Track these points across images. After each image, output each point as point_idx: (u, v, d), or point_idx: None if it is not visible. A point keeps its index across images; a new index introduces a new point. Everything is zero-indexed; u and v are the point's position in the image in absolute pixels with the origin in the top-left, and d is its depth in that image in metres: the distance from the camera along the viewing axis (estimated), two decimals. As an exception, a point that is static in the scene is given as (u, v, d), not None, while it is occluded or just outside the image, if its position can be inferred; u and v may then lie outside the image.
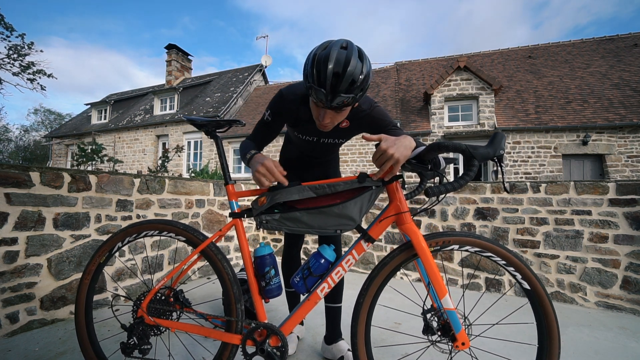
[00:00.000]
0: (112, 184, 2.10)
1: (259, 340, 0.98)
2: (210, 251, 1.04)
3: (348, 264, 0.98)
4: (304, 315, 1.00)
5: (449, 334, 0.92)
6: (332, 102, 0.86)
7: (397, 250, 0.97)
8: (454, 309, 0.89)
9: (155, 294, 1.07)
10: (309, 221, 0.96)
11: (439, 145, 0.83)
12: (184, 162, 12.55)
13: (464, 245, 0.92)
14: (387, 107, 10.17)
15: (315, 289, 0.98)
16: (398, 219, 0.95)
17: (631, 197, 2.19)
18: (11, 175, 1.62)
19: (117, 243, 1.11)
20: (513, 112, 9.12)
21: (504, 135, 0.82)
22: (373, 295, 0.98)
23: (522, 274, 0.89)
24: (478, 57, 12.39)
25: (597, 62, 10.23)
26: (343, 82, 0.82)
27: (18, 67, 10.37)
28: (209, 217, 2.92)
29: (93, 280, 1.12)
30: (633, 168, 7.77)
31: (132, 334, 1.03)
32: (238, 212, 1.07)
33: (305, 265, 1.02)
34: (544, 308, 0.87)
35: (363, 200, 0.95)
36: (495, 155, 0.80)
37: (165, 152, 5.38)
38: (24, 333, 1.62)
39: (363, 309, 0.97)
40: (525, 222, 2.51)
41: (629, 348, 1.62)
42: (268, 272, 1.01)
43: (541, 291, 0.87)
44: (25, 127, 26.66)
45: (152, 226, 1.09)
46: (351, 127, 1.15)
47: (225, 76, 15.41)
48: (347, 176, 1.00)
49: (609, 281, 2.23)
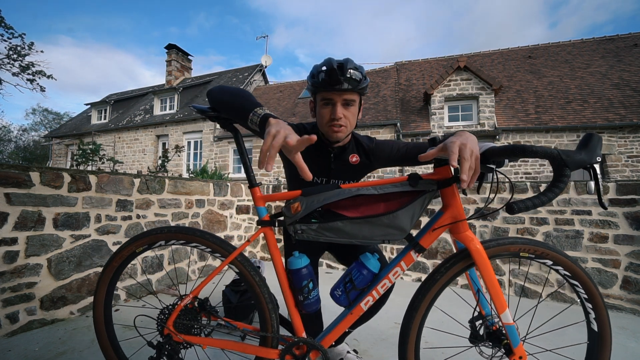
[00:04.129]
0: (112, 184, 2.10)
1: (298, 355, 0.92)
2: (238, 262, 0.96)
3: (395, 275, 0.88)
4: (345, 329, 0.93)
5: (501, 343, 0.87)
6: (345, 74, 0.92)
7: (452, 261, 0.87)
8: (513, 323, 0.84)
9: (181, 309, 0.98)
10: (352, 231, 0.84)
11: (524, 148, 0.68)
12: (184, 162, 12.55)
13: (557, 264, 0.85)
14: (387, 107, 10.17)
15: (358, 302, 0.90)
16: (453, 227, 0.84)
17: (631, 197, 2.19)
18: (11, 175, 1.62)
19: (139, 248, 1.02)
20: (513, 112, 9.13)
21: (600, 137, 0.68)
22: (425, 310, 0.87)
23: (598, 315, 0.82)
24: (478, 57, 12.39)
25: (597, 62, 10.23)
26: (348, 64, 0.94)
27: (18, 67, 10.38)
28: (209, 217, 2.92)
29: (115, 275, 1.03)
30: (633, 168, 7.77)
31: (161, 352, 0.95)
32: (267, 219, 0.93)
33: (346, 277, 0.92)
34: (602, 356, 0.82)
35: (415, 208, 0.83)
36: (592, 162, 0.67)
37: (165, 152, 5.39)
38: (24, 333, 1.62)
39: (414, 325, 0.87)
40: (526, 222, 2.51)
41: (629, 348, 1.62)
42: (306, 286, 0.92)
43: (607, 340, 0.82)
44: (24, 127, 26.71)
45: (182, 236, 1.00)
46: (362, 163, 1.11)
47: (225, 76, 15.41)
48: (396, 177, 0.87)
49: (609, 281, 2.23)
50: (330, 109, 0.98)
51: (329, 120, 1.00)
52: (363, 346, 1.59)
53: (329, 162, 1.10)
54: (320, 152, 1.09)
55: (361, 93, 1.00)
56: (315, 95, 1.02)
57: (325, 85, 0.95)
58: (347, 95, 0.96)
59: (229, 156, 11.67)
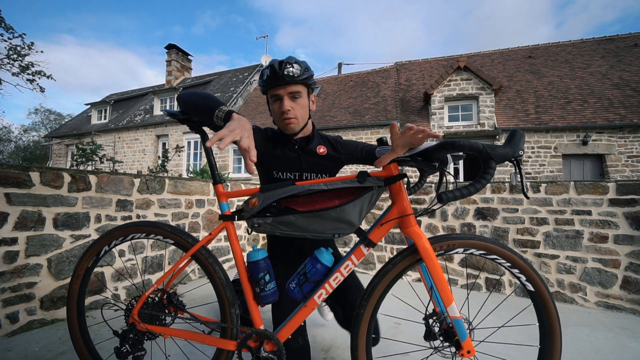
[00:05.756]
0: (112, 184, 2.10)
1: (253, 347, 0.95)
2: (201, 255, 1.00)
3: (347, 269, 0.92)
4: (300, 322, 0.96)
5: (452, 340, 0.88)
6: (283, 70, 1.00)
7: (401, 256, 0.91)
8: (460, 316, 0.85)
9: (147, 299, 1.03)
10: (304, 225, 0.89)
11: (453, 143, 0.75)
12: (184, 162, 12.55)
13: (468, 248, 0.88)
14: (387, 107, 10.17)
15: (312, 296, 0.93)
16: (401, 222, 0.89)
17: (631, 197, 2.19)
18: (11, 175, 1.62)
19: (104, 246, 1.07)
20: (513, 112, 9.12)
21: (523, 134, 0.75)
22: (374, 305, 0.91)
23: (527, 275, 0.86)
24: (478, 57, 12.39)
25: (597, 62, 10.23)
26: (288, 60, 1.02)
27: (17, 67, 10.37)
28: (208, 217, 2.92)
29: (83, 285, 1.09)
30: (633, 168, 7.77)
31: (124, 340, 0.99)
32: (228, 214, 0.99)
33: (301, 270, 0.96)
34: (547, 310, 0.85)
35: (363, 202, 0.88)
36: (515, 156, 0.73)
37: (165, 152, 5.39)
38: (24, 333, 1.62)
39: (364, 321, 0.90)
40: (526, 222, 2.51)
41: (629, 348, 1.62)
42: (262, 278, 0.95)
43: (545, 293, 0.85)
44: (25, 127, 26.69)
45: (139, 229, 1.05)
46: (329, 155, 1.17)
47: (225, 76, 15.41)
48: (345, 175, 0.92)
49: (609, 281, 2.23)
50: (279, 104, 1.07)
51: (279, 114, 1.08)
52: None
53: (298, 156, 1.15)
54: (286, 146, 1.15)
55: (305, 84, 1.07)
56: (267, 94, 1.11)
57: (270, 82, 1.04)
58: (290, 87, 1.04)
59: (228, 156, 11.67)
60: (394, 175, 0.88)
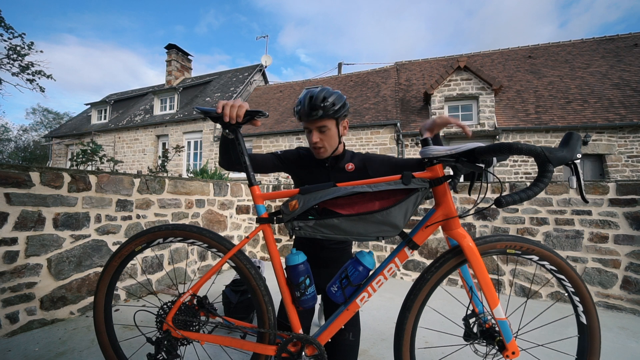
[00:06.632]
0: (112, 184, 2.09)
1: (294, 352, 0.94)
2: (237, 259, 0.98)
3: (390, 272, 0.91)
4: (341, 325, 0.95)
5: (494, 341, 0.89)
6: (310, 111, 1.04)
7: (446, 257, 0.89)
8: (505, 318, 0.85)
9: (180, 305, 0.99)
10: (348, 228, 0.88)
11: (511, 147, 0.72)
12: (184, 162, 12.54)
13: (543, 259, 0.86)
14: (387, 107, 10.16)
15: (354, 299, 0.92)
16: (445, 224, 0.87)
17: (631, 197, 2.19)
18: (11, 175, 1.62)
19: (138, 247, 1.03)
20: (513, 112, 9.12)
21: (579, 136, 0.73)
22: (419, 308, 0.88)
23: (586, 308, 0.85)
24: (478, 57, 12.39)
25: (597, 62, 10.22)
26: (315, 98, 1.05)
27: (17, 67, 10.37)
28: (209, 217, 2.92)
29: (113, 280, 1.04)
30: (633, 168, 7.76)
31: (159, 348, 0.96)
32: (266, 216, 0.96)
33: (342, 273, 0.94)
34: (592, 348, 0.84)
35: (408, 205, 0.86)
36: (573, 159, 0.71)
37: (165, 152, 5.39)
38: (24, 333, 1.62)
39: (408, 325, 0.88)
40: (526, 222, 2.51)
41: (629, 348, 1.62)
42: (303, 282, 0.93)
43: (596, 332, 0.84)
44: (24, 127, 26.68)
45: (172, 232, 1.01)
46: (357, 170, 1.19)
47: (225, 76, 15.40)
48: (389, 176, 0.89)
49: (609, 281, 2.23)
50: (310, 136, 1.12)
51: (311, 144, 1.14)
52: (363, 346, 1.59)
53: (327, 172, 1.20)
54: (318, 165, 1.22)
55: (333, 118, 1.09)
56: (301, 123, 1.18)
57: (300, 117, 1.10)
58: (319, 123, 1.08)
59: (229, 156, 11.64)
60: (439, 176, 0.86)
